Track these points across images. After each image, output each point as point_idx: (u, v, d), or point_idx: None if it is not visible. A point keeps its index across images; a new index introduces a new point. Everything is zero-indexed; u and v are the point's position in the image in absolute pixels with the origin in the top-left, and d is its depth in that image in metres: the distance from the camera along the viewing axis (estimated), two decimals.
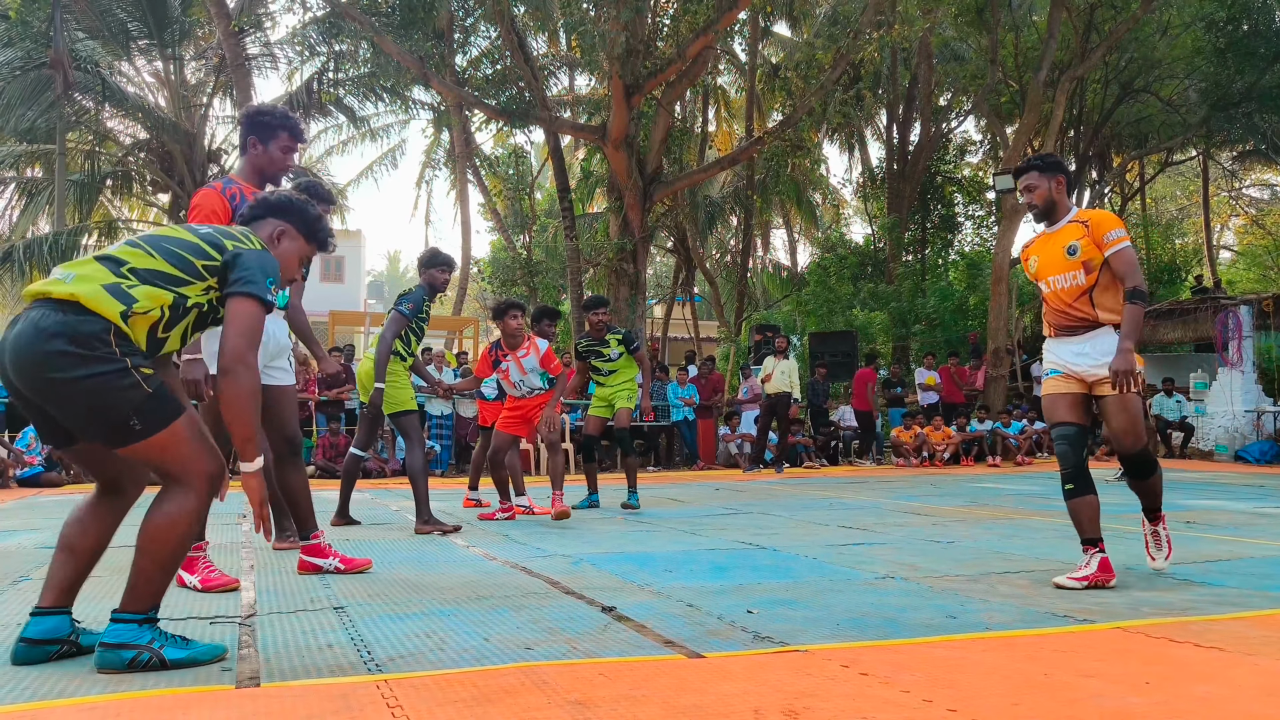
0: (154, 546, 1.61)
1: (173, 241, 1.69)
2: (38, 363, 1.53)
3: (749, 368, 10.10)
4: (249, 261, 1.70)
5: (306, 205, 1.93)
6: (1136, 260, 2.40)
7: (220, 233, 1.75)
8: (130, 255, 1.65)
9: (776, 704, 1.43)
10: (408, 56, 9.58)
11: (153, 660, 1.62)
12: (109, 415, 1.56)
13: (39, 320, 1.54)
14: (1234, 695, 1.49)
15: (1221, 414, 9.61)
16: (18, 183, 13.26)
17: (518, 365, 4.15)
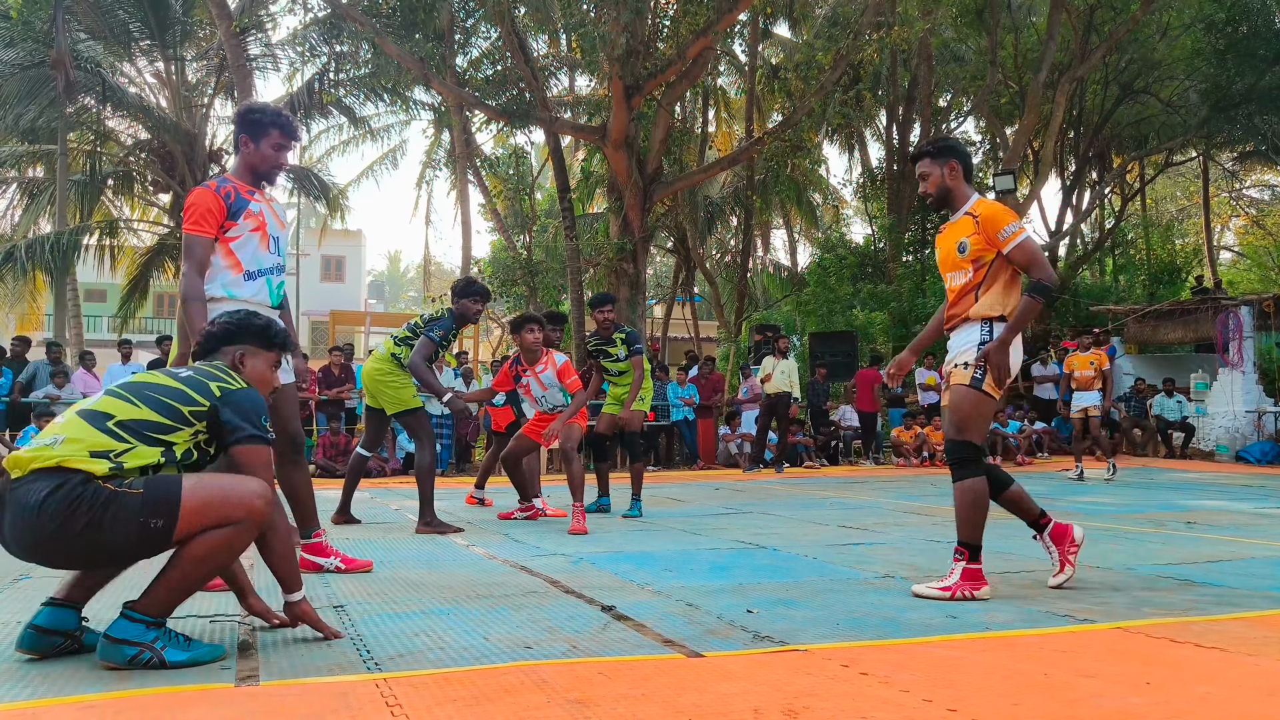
0: (190, 564, 1.66)
1: (157, 389, 1.71)
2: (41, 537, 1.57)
3: (749, 368, 10.10)
4: (242, 406, 1.73)
5: (249, 317, 1.92)
6: (1038, 251, 2.24)
7: (201, 374, 1.76)
8: (115, 408, 1.66)
9: (776, 703, 1.42)
10: (408, 57, 9.59)
11: (153, 660, 1.65)
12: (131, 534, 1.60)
13: (24, 497, 1.57)
14: (1235, 696, 1.49)
15: (1222, 414, 9.60)
16: (19, 183, 13.28)
17: (537, 381, 4.12)
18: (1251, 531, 3.70)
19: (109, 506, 1.58)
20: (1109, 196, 15.77)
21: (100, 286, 18.65)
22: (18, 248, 11.19)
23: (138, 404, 1.68)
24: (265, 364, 1.91)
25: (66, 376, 7.77)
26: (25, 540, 1.58)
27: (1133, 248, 15.93)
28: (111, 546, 1.61)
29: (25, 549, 1.60)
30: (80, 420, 1.65)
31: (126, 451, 1.63)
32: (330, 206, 15.48)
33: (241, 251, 2.38)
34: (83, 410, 1.68)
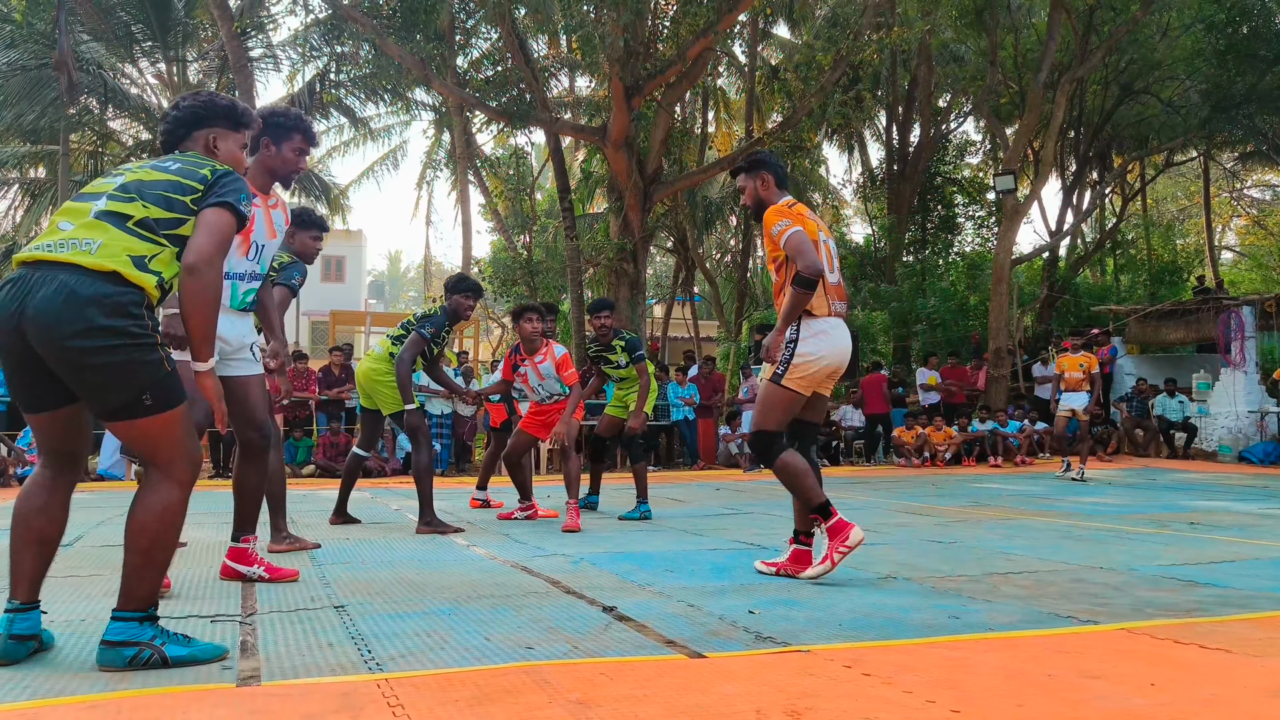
0: (144, 541, 1.59)
1: (155, 185, 1.64)
2: (70, 330, 1.49)
3: (749, 367, 10.09)
4: (234, 182, 1.68)
5: (212, 97, 1.86)
6: (802, 244, 2.32)
7: (188, 163, 1.70)
8: (129, 209, 1.59)
9: (779, 704, 1.42)
10: (409, 58, 9.60)
11: (154, 658, 1.61)
12: (127, 387, 1.54)
13: (75, 286, 1.49)
14: (1240, 697, 1.48)
15: (1225, 415, 9.58)
16: (21, 183, 13.30)
17: (535, 371, 4.13)
18: (1255, 532, 3.69)
19: (140, 353, 1.52)
20: (1109, 197, 15.76)
21: None
22: (18, 248, 11.22)
23: (146, 203, 1.61)
24: (235, 144, 1.85)
25: None
26: (55, 320, 1.47)
27: (1134, 248, 15.91)
28: (110, 387, 1.53)
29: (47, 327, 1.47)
30: (103, 223, 1.56)
31: (156, 256, 1.58)
32: (331, 207, 15.49)
33: None
34: (97, 211, 1.58)
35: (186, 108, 1.82)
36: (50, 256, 1.54)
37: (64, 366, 1.53)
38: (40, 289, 1.51)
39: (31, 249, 1.57)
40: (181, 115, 1.81)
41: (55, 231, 1.59)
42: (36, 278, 1.53)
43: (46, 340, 1.51)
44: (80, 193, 1.68)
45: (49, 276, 1.52)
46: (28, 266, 1.55)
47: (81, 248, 1.54)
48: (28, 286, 1.52)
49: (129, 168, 1.71)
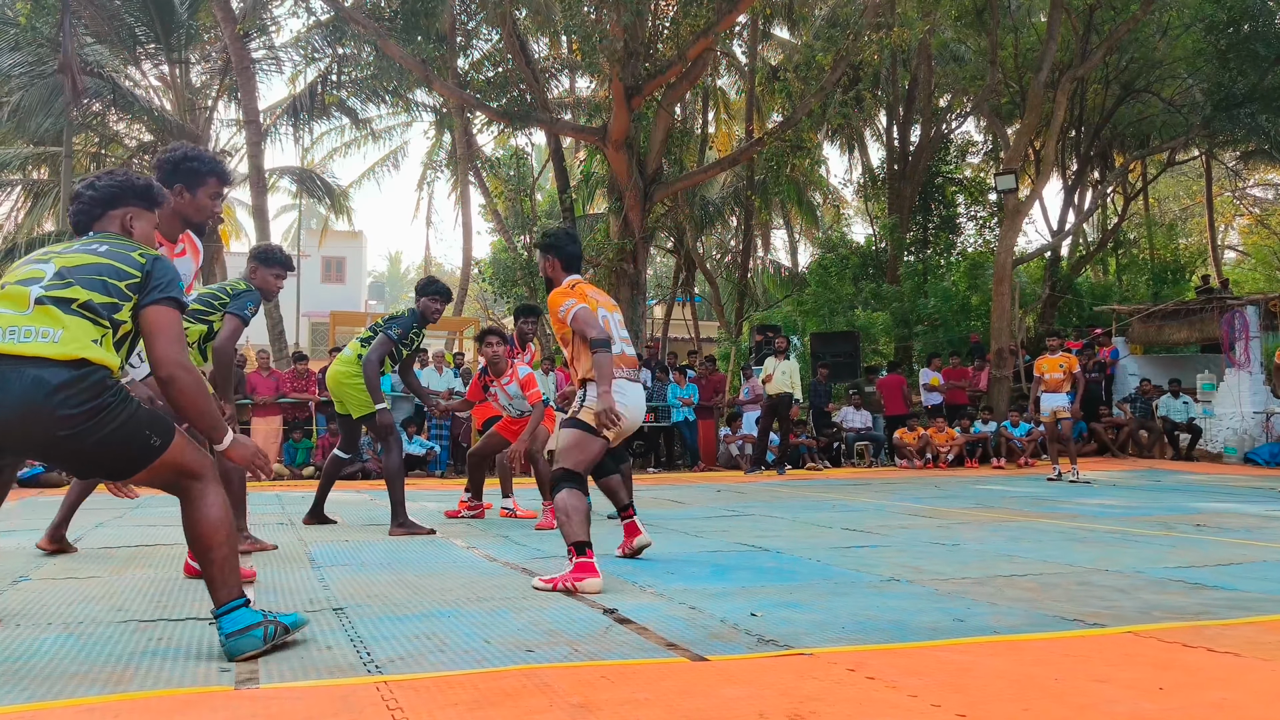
0: (213, 545, 1.71)
1: (89, 269, 1.65)
2: (57, 423, 1.52)
3: (750, 368, 10.07)
4: (167, 270, 1.70)
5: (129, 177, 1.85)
6: (584, 317, 2.59)
7: (117, 246, 1.71)
8: (71, 292, 1.61)
9: (782, 708, 1.40)
10: (410, 59, 9.61)
11: (278, 630, 1.72)
12: (135, 445, 1.61)
13: (48, 378, 1.52)
14: (1249, 701, 1.46)
15: (1229, 415, 9.53)
16: (24, 185, 13.33)
17: (503, 391, 4.23)
18: (1262, 534, 3.66)
19: (127, 408, 1.59)
20: (1111, 196, 15.72)
21: None
22: (19, 247, 11.23)
23: (82, 287, 1.62)
24: (150, 224, 1.86)
25: None
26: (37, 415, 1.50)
27: (1136, 247, 15.87)
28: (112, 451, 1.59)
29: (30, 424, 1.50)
30: (52, 309, 1.59)
31: (104, 337, 1.61)
32: (334, 207, 15.52)
33: None
34: (39, 297, 1.60)
35: (103, 187, 1.82)
36: (9, 349, 1.54)
37: (62, 456, 1.59)
38: (11, 384, 1.52)
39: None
40: (98, 195, 1.81)
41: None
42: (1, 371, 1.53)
43: (30, 436, 1.54)
44: (8, 279, 1.67)
45: (17, 372, 1.53)
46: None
47: (43, 338, 1.56)
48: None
49: (52, 251, 1.71)
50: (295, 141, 13.81)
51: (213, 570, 1.70)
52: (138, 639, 1.87)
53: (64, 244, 1.76)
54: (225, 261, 13.50)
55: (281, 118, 13.18)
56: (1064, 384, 6.79)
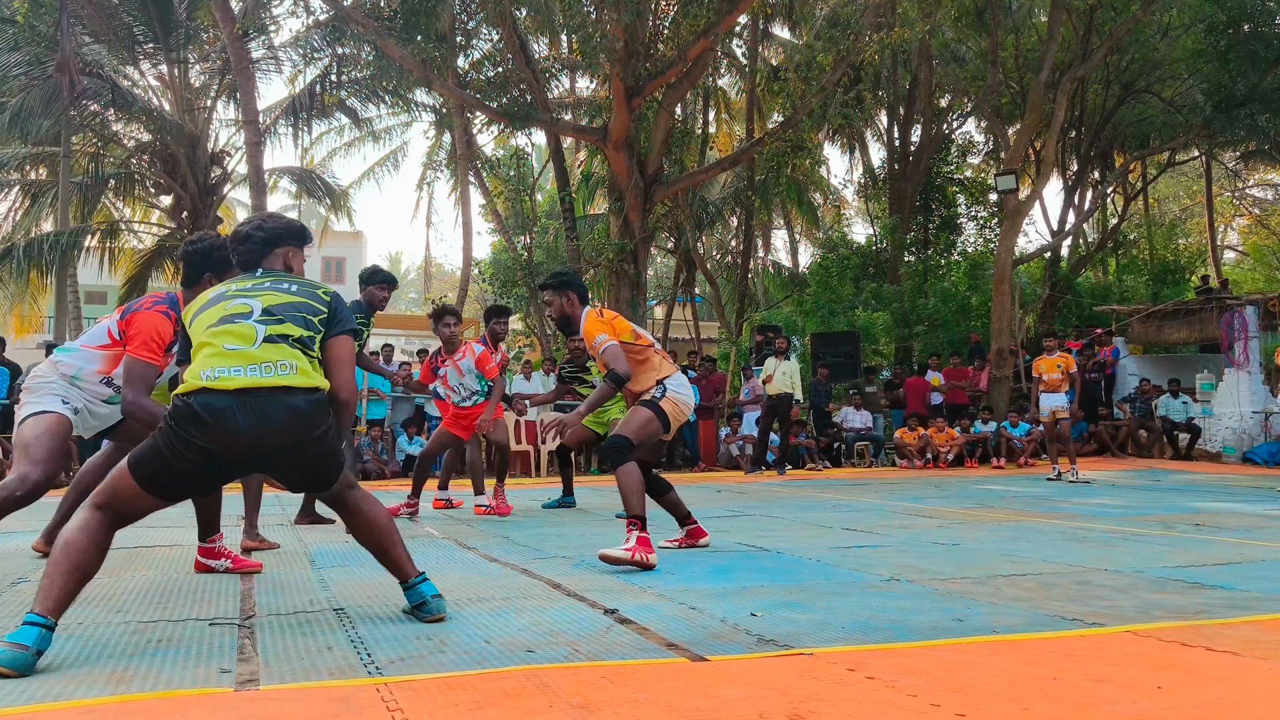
0: (391, 532, 1.98)
1: (290, 307, 1.92)
2: (308, 436, 1.84)
3: (750, 369, 10.07)
4: (343, 303, 2.01)
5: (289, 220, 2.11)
6: (612, 352, 2.92)
7: (302, 284, 1.99)
8: (283, 329, 1.88)
9: (781, 708, 1.40)
10: (410, 59, 9.61)
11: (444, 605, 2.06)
12: (335, 459, 1.91)
13: (297, 404, 1.82)
14: (1248, 700, 1.46)
15: (1229, 415, 9.53)
16: (22, 185, 13.32)
17: (456, 369, 4.29)
18: (1261, 534, 3.66)
19: (333, 429, 1.88)
20: (1111, 196, 15.72)
21: (101, 288, 18.69)
22: (16, 246, 11.21)
23: (292, 324, 1.88)
24: (302, 262, 2.12)
25: None
26: (280, 439, 1.78)
27: (1135, 248, 15.88)
28: (326, 464, 1.89)
29: (291, 444, 1.80)
30: (281, 345, 1.85)
31: (314, 365, 1.89)
32: (335, 207, 15.51)
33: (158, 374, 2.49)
34: (267, 335, 1.85)
35: (270, 229, 2.05)
36: (261, 383, 1.81)
37: (293, 465, 1.88)
38: (273, 410, 1.81)
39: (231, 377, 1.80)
40: (267, 235, 2.04)
41: (233, 355, 1.83)
42: (259, 401, 1.80)
43: (284, 447, 1.82)
44: (225, 313, 1.89)
45: (272, 400, 1.81)
46: (240, 392, 1.79)
47: (282, 371, 1.84)
48: (250, 411, 1.79)
49: (253, 289, 1.94)
50: (295, 142, 13.80)
51: (398, 551, 1.99)
52: (137, 640, 1.87)
53: (244, 280, 1.98)
54: None
55: (281, 118, 13.17)
56: (1062, 384, 6.80)
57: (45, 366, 2.61)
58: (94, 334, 2.62)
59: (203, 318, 1.89)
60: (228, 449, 1.77)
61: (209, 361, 1.80)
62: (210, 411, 1.75)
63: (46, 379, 2.56)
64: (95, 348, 2.57)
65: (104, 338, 2.57)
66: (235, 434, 1.76)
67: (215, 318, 1.87)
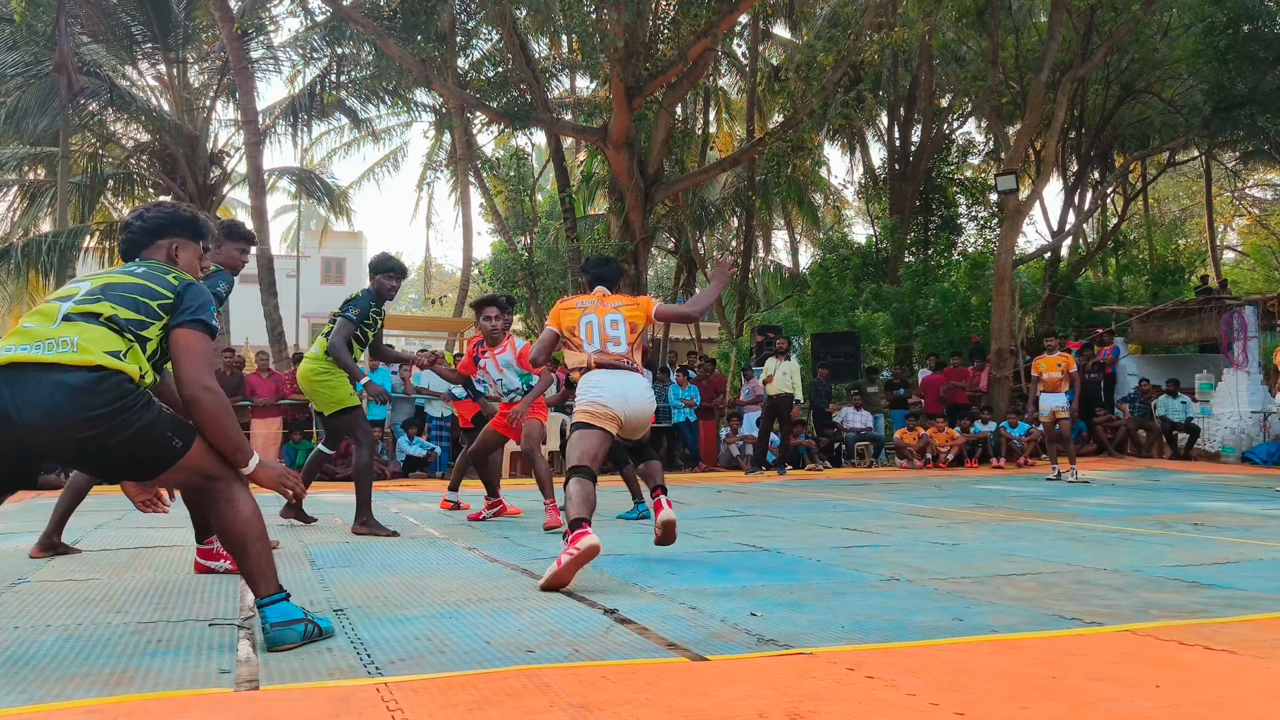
0: (247, 540, 1.76)
1: (123, 288, 1.72)
2: (79, 424, 1.57)
3: (751, 369, 10.08)
4: (200, 294, 1.77)
5: (175, 209, 1.96)
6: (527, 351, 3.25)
7: (154, 269, 1.79)
8: (100, 308, 1.67)
9: (781, 707, 1.41)
10: (410, 59, 9.60)
11: (314, 631, 1.79)
12: (156, 446, 1.66)
13: (69, 381, 1.58)
14: (1246, 699, 1.47)
15: (1228, 415, 9.54)
16: (20, 185, 13.30)
17: (494, 363, 4.17)
18: (1260, 533, 3.67)
19: (149, 412, 1.64)
20: (1111, 196, 15.73)
21: None
22: (15, 247, 11.18)
23: (112, 304, 1.69)
24: (194, 255, 1.94)
25: None
26: (60, 418, 1.55)
27: (1135, 248, 15.88)
28: (134, 453, 1.63)
29: (55, 427, 1.56)
30: (75, 322, 1.65)
31: (128, 350, 1.66)
32: (334, 208, 15.50)
33: None
34: (66, 312, 1.66)
35: (151, 218, 1.90)
36: (31, 358, 1.59)
37: (87, 458, 1.65)
38: (33, 391, 1.57)
39: (5, 351, 1.61)
40: (146, 225, 1.89)
41: (24, 333, 1.64)
42: (25, 379, 1.58)
43: (58, 439, 1.59)
44: (49, 299, 1.75)
45: (37, 378, 1.58)
46: (7, 369, 1.59)
47: (61, 348, 1.61)
48: (15, 389, 1.57)
49: (94, 274, 1.80)
50: (294, 142, 13.80)
51: (249, 565, 1.75)
52: (137, 641, 1.87)
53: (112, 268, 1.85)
54: None
55: (280, 118, 13.17)
56: (1062, 384, 6.81)
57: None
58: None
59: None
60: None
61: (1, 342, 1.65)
62: None
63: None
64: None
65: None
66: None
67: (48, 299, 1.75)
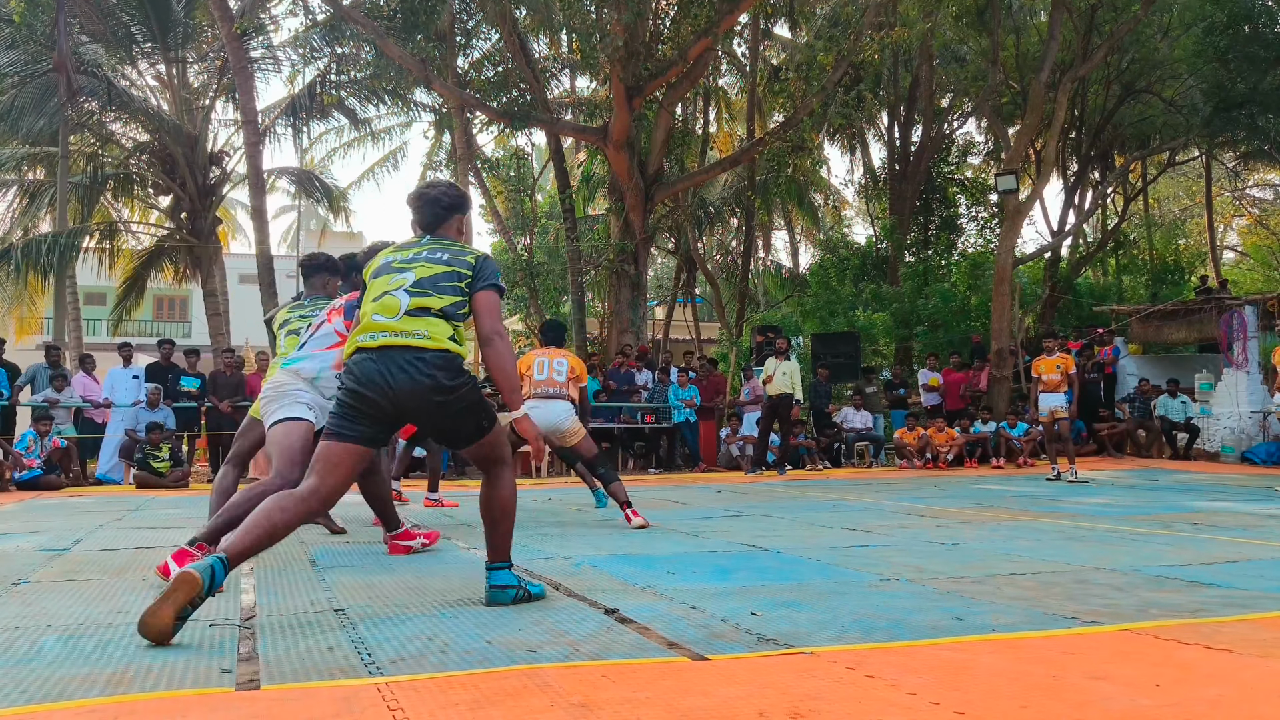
0: (501, 517, 2.21)
1: (439, 278, 2.16)
2: (433, 391, 2.06)
3: (750, 369, 10.08)
4: (489, 263, 2.21)
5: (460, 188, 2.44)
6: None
7: (453, 251, 2.21)
8: (429, 301, 2.12)
9: (781, 706, 1.41)
10: (409, 59, 9.60)
11: (522, 594, 2.21)
12: (474, 420, 2.14)
13: (426, 358, 2.07)
14: (1245, 697, 1.47)
15: (1227, 415, 9.54)
16: (20, 185, 13.29)
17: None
18: (1259, 533, 3.67)
19: (476, 393, 2.11)
20: (1111, 196, 15.73)
21: (100, 290, 18.68)
22: (14, 247, 11.17)
23: (439, 295, 2.13)
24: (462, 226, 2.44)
25: (66, 380, 7.76)
26: (421, 386, 2.04)
27: (1135, 248, 15.88)
28: (462, 422, 2.12)
29: (418, 393, 2.04)
30: (423, 317, 2.10)
31: (456, 332, 2.14)
32: (332, 208, 15.49)
33: None
34: (408, 308, 2.10)
35: (452, 196, 2.32)
36: (397, 343, 2.09)
37: (432, 421, 2.13)
38: (400, 366, 2.06)
39: (369, 338, 2.11)
40: (448, 201, 2.30)
41: (379, 326, 2.12)
42: (393, 356, 2.07)
43: (415, 403, 2.07)
44: (382, 290, 2.16)
45: (403, 356, 2.07)
46: (380, 351, 2.08)
47: (415, 336, 2.09)
48: (387, 365, 2.06)
49: (409, 260, 2.19)
50: (294, 142, 13.79)
51: (497, 535, 2.20)
52: (138, 640, 1.86)
53: (415, 248, 2.22)
54: (224, 264, 13.47)
55: (280, 118, 13.17)
56: (1061, 384, 6.82)
57: (284, 375, 2.81)
58: (319, 338, 2.87)
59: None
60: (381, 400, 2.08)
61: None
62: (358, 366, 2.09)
63: (292, 386, 2.77)
64: (328, 349, 2.83)
65: (333, 337, 2.84)
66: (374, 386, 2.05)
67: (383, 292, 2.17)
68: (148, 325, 21.01)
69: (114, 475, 7.45)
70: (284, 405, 2.73)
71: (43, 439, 6.88)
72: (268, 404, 2.77)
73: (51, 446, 6.90)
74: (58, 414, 7.47)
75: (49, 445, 6.89)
